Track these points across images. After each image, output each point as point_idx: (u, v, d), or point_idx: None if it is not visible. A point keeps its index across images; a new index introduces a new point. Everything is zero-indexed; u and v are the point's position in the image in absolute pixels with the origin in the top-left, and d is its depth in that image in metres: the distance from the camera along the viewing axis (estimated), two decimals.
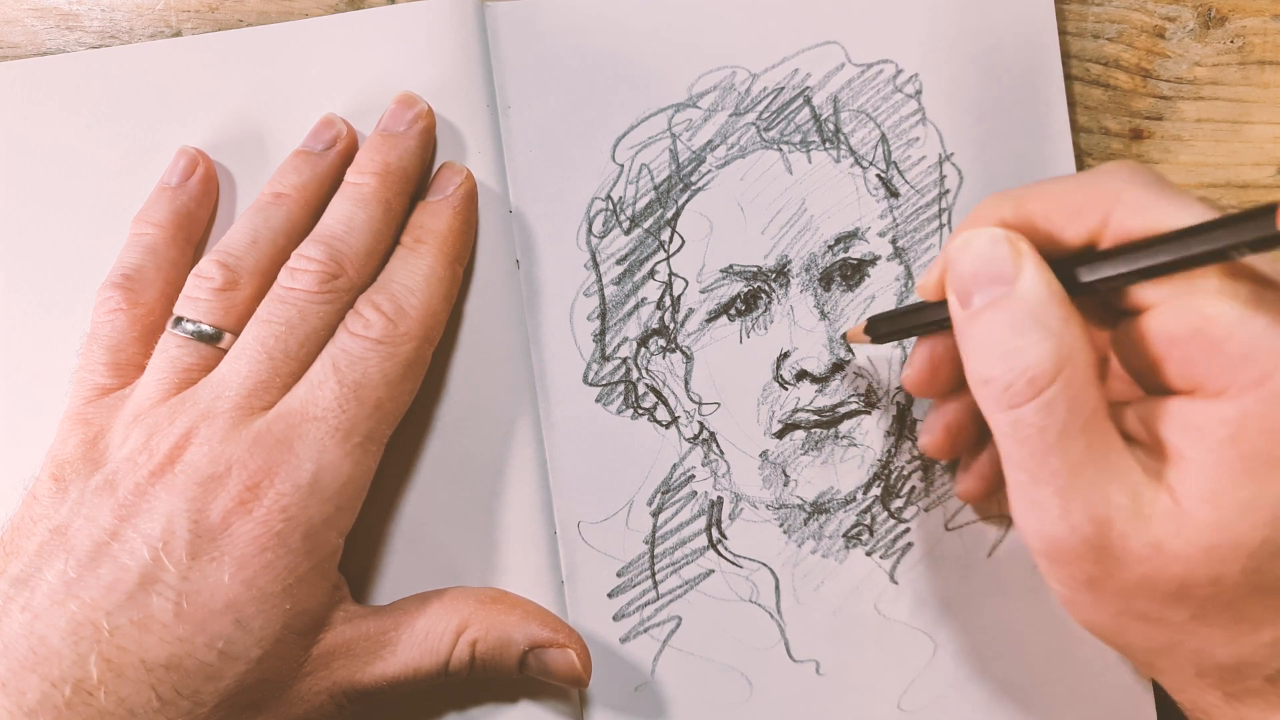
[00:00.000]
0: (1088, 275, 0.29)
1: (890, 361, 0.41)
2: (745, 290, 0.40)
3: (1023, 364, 0.28)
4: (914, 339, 0.38)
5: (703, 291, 0.40)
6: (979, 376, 0.30)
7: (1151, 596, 0.29)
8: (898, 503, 0.41)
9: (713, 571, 0.40)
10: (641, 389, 0.40)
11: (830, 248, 0.40)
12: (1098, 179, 0.30)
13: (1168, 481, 0.28)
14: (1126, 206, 0.29)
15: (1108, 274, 0.29)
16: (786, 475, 0.40)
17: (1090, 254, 0.30)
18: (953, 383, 0.36)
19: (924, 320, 0.35)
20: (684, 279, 0.40)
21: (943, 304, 0.32)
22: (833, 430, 0.40)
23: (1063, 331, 0.28)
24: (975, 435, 0.38)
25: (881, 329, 0.37)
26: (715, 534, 0.40)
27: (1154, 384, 0.30)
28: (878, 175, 0.40)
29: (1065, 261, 0.30)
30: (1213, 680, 0.30)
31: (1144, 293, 0.29)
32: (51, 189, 0.39)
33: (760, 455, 0.40)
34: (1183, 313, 0.28)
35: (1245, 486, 0.27)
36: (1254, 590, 0.28)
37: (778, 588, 0.40)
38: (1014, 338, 0.29)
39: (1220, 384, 0.28)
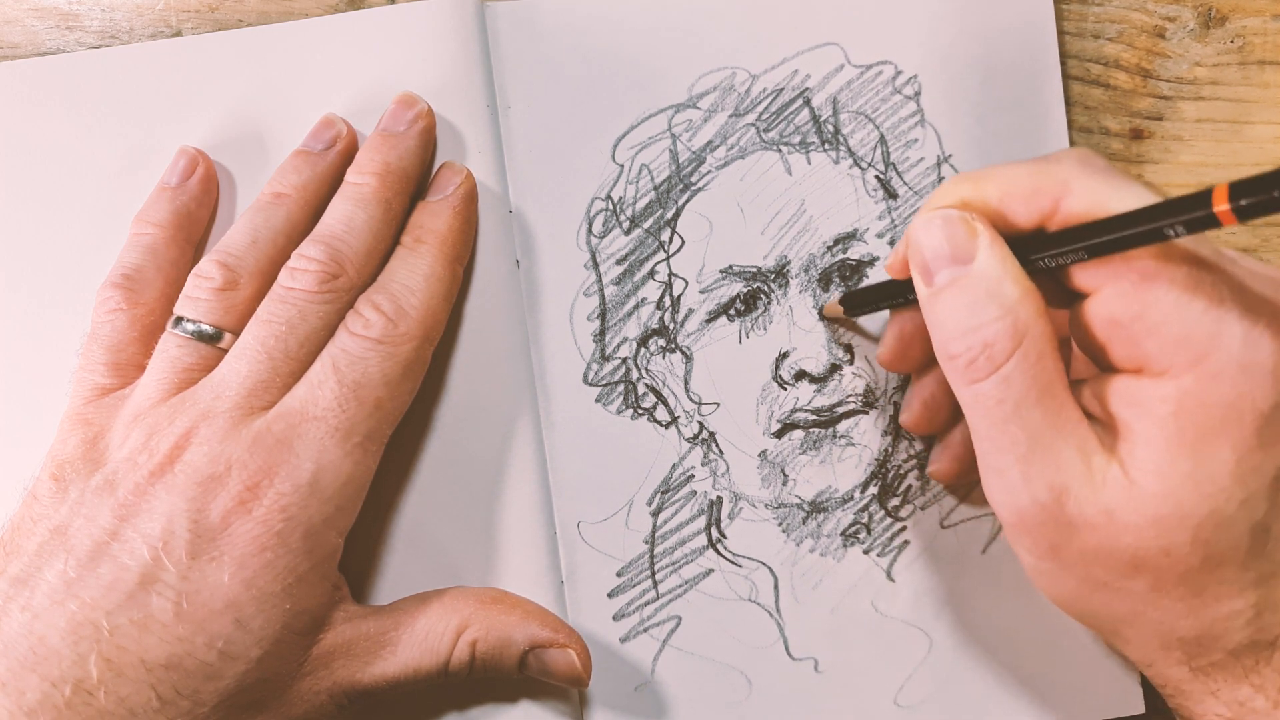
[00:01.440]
0: (1037, 255, 0.31)
1: None
2: (745, 290, 0.40)
3: (982, 340, 0.30)
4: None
5: (702, 292, 0.40)
6: (944, 352, 0.31)
7: (1109, 565, 0.30)
8: (894, 501, 0.41)
9: (712, 571, 0.40)
10: (641, 389, 0.40)
11: (829, 249, 0.40)
12: (1050, 166, 0.31)
13: (1119, 454, 0.30)
14: (1075, 193, 0.30)
15: (1054, 252, 0.30)
16: (785, 475, 0.40)
17: (1041, 236, 0.31)
18: (925, 358, 0.37)
19: (893, 295, 0.36)
20: (684, 279, 0.40)
21: (910, 281, 0.33)
22: (831, 430, 0.41)
23: (1018, 308, 0.30)
24: (951, 411, 0.39)
25: (854, 303, 0.38)
26: (714, 533, 0.40)
27: (1104, 363, 0.31)
28: (876, 176, 0.40)
29: (1020, 242, 0.31)
30: (1177, 654, 0.32)
31: (1091, 277, 0.30)
32: (51, 189, 0.39)
33: (759, 455, 0.40)
34: (1125, 297, 0.29)
35: (1187, 460, 0.29)
36: (1207, 562, 0.29)
37: (776, 586, 0.40)
38: (972, 315, 0.30)
39: (1162, 364, 0.29)
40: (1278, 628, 0.31)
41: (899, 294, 0.36)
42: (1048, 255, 0.30)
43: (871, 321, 0.40)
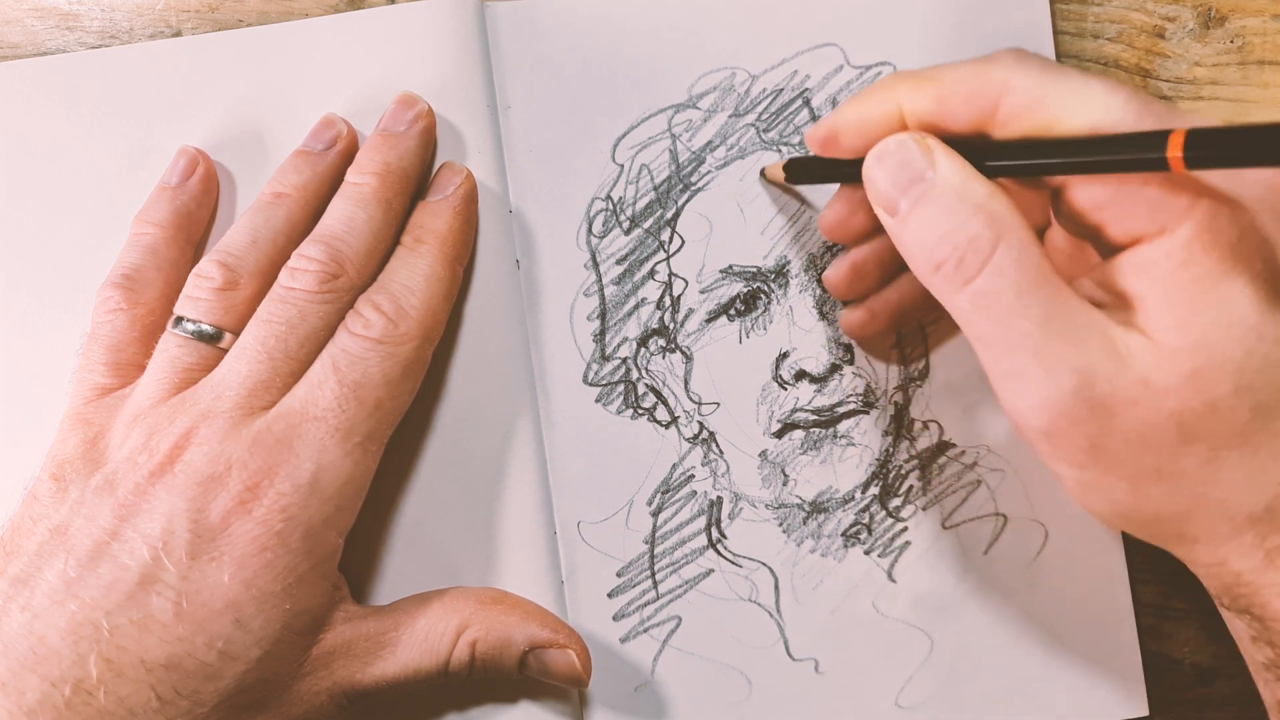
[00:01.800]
0: (993, 163, 0.31)
1: (889, 362, 0.41)
2: (745, 290, 0.40)
3: (965, 238, 0.30)
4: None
5: (702, 292, 0.40)
6: (929, 266, 0.31)
7: (1158, 445, 0.29)
8: (895, 501, 0.41)
9: (712, 571, 0.40)
10: (641, 389, 0.40)
11: (829, 248, 0.40)
12: (987, 65, 0.31)
13: (1138, 324, 0.29)
14: (1015, 90, 0.30)
15: (1009, 163, 0.30)
16: (785, 475, 0.40)
17: (995, 145, 0.31)
18: (865, 229, 0.37)
19: (840, 171, 0.35)
20: (684, 279, 0.40)
21: (856, 161, 0.33)
22: (831, 430, 0.41)
23: (990, 203, 0.30)
24: (878, 280, 0.38)
25: (798, 171, 0.38)
26: (715, 534, 0.40)
27: (1102, 247, 0.31)
28: None
29: (971, 151, 0.31)
30: (1249, 536, 0.30)
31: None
32: (51, 189, 0.39)
33: (759, 455, 0.40)
34: (1101, 179, 0.29)
35: (1208, 305, 0.28)
36: (1257, 412, 0.28)
37: (777, 587, 0.40)
38: (948, 220, 0.30)
39: (1156, 224, 0.28)
40: None
41: (847, 169, 0.35)
42: (1005, 163, 0.30)
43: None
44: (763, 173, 0.40)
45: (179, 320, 0.35)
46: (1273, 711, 0.33)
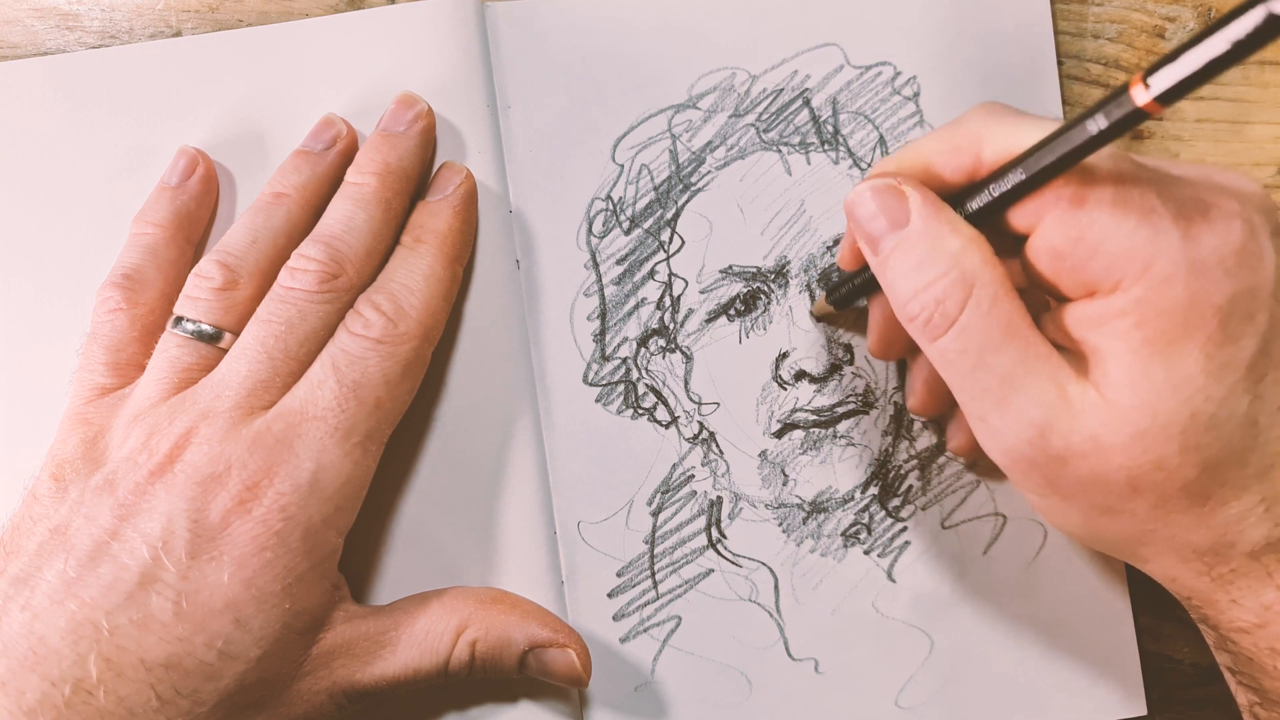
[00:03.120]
0: (973, 203, 0.31)
1: (889, 363, 0.41)
2: (744, 291, 0.40)
3: (933, 297, 0.31)
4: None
5: (702, 292, 0.40)
6: (903, 316, 0.32)
7: (1107, 490, 0.30)
8: (895, 501, 0.41)
9: (712, 571, 0.40)
10: (641, 389, 0.40)
11: (829, 249, 0.40)
12: (963, 123, 0.32)
13: (1092, 378, 0.30)
14: (989, 142, 0.31)
15: (984, 200, 0.31)
16: (785, 475, 0.40)
17: (970, 187, 0.32)
18: (910, 340, 0.37)
19: (866, 277, 0.36)
20: (684, 279, 0.40)
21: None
22: (831, 430, 0.41)
23: (962, 258, 0.30)
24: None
25: (837, 295, 0.38)
26: (715, 533, 0.40)
27: (1060, 296, 0.31)
28: None
29: (955, 197, 0.32)
30: (1196, 565, 0.31)
31: (1026, 217, 0.31)
32: (51, 189, 0.39)
33: (759, 455, 0.40)
34: (1061, 225, 0.30)
35: (1158, 367, 0.29)
36: (1203, 468, 0.29)
37: (777, 587, 0.40)
38: (920, 274, 0.31)
39: (1111, 280, 0.29)
40: None
41: (868, 277, 0.36)
42: (979, 200, 0.31)
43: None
44: (812, 314, 0.40)
45: (179, 320, 0.35)
46: (1245, 713, 0.34)
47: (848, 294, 0.37)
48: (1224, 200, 0.29)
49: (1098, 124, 0.28)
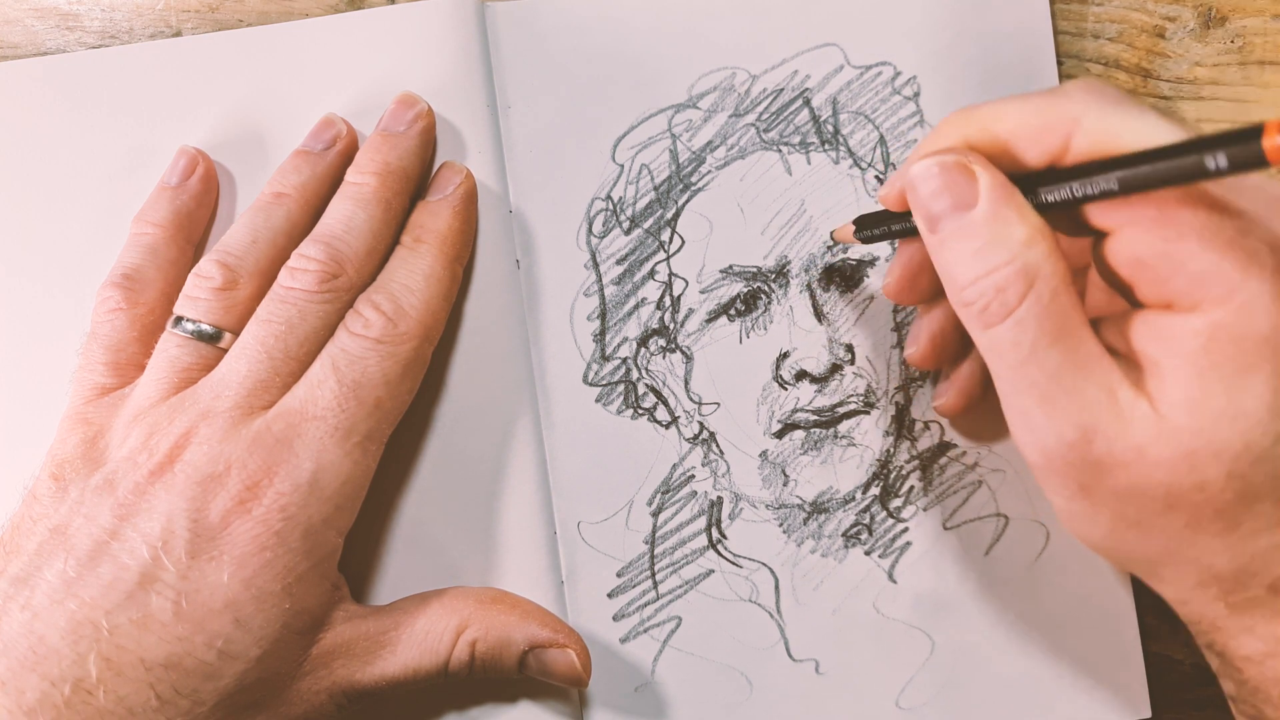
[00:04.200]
0: (1049, 195, 0.30)
1: (889, 362, 0.41)
2: (745, 290, 0.40)
3: (993, 285, 0.29)
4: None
5: (702, 292, 0.40)
6: (956, 300, 0.31)
7: (1142, 504, 0.30)
8: (896, 502, 0.41)
9: (712, 571, 0.40)
10: (641, 389, 0.40)
11: (829, 248, 0.40)
12: (1058, 102, 0.30)
13: (1147, 390, 0.29)
14: (1086, 129, 0.29)
15: (1067, 196, 0.29)
16: (786, 475, 0.40)
17: (1052, 173, 0.30)
18: (933, 290, 0.36)
19: (906, 224, 0.34)
20: (684, 279, 0.40)
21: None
22: (832, 430, 0.41)
23: (1027, 251, 0.29)
24: (959, 345, 0.38)
25: (867, 227, 0.37)
26: (715, 534, 0.40)
27: (1131, 299, 0.30)
28: (876, 177, 0.40)
29: (1029, 179, 0.30)
30: (1214, 591, 0.31)
31: (1108, 216, 0.30)
32: (52, 189, 0.39)
33: (760, 455, 0.40)
34: (1148, 235, 0.29)
35: (1220, 394, 0.28)
36: (1242, 497, 0.29)
37: (777, 587, 0.40)
38: (981, 261, 0.30)
39: (1192, 299, 0.28)
40: None
41: (910, 222, 0.34)
42: (1062, 196, 0.29)
43: (876, 319, 0.40)
44: (831, 235, 0.40)
45: (179, 320, 0.35)
46: None
47: (879, 234, 0.36)
48: None
49: (1217, 162, 0.25)
